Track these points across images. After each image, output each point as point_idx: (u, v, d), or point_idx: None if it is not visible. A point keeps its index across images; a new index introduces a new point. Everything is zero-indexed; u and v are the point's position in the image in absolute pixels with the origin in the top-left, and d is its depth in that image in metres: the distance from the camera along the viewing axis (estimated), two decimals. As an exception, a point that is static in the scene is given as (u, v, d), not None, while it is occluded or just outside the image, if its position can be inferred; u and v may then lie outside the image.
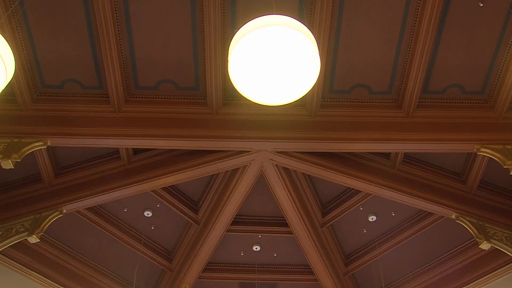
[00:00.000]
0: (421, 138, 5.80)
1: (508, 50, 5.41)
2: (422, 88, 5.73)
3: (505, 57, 5.47)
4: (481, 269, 7.11)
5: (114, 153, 6.57)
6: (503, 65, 5.53)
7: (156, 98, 5.93)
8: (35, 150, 5.74)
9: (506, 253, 6.07)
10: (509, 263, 6.77)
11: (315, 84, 4.78)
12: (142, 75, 5.78)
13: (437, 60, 5.59)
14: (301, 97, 3.55)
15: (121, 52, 5.54)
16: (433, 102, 5.93)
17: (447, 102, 5.91)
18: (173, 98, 5.94)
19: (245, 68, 3.33)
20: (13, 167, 5.41)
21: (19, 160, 5.44)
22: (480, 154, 5.82)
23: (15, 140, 5.52)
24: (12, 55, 3.57)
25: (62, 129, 5.78)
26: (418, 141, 5.81)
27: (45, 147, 5.72)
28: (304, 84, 3.41)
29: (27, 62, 5.57)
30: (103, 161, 6.58)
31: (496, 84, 5.69)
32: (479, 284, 7.09)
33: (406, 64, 5.60)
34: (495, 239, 6.02)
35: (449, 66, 5.64)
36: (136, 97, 5.94)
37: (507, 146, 5.52)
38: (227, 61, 3.40)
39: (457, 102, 5.91)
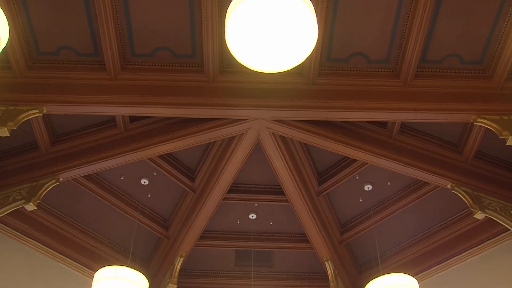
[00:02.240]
0: (418, 108, 5.78)
1: (508, 20, 5.36)
2: (420, 58, 5.69)
3: (504, 27, 5.42)
4: (475, 239, 7.19)
5: (110, 121, 6.55)
6: (502, 35, 5.48)
7: (152, 65, 5.88)
8: (31, 117, 5.72)
9: (500, 223, 6.12)
10: (502, 233, 6.85)
11: (312, 52, 4.76)
12: (138, 42, 5.72)
13: (435, 29, 5.54)
14: (299, 65, 3.54)
15: (117, 19, 5.47)
16: (431, 71, 5.89)
17: (445, 72, 5.88)
18: (169, 66, 5.89)
19: (242, 35, 3.29)
20: (9, 135, 5.38)
21: (15, 128, 5.41)
22: (476, 125, 5.82)
23: (10, 107, 5.49)
24: (6, 21, 3.52)
25: (58, 96, 5.74)
26: (415, 111, 5.80)
27: (41, 114, 5.69)
28: (301, 51, 3.38)
29: (22, 28, 5.50)
30: (100, 129, 6.56)
31: (494, 55, 5.65)
32: (473, 253, 7.17)
33: (405, 33, 5.55)
34: (489, 209, 6.06)
35: (447, 36, 5.59)
36: (133, 65, 5.89)
37: (504, 117, 5.51)
38: (224, 28, 3.37)
39: (455, 72, 5.87)
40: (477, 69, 5.83)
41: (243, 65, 3.54)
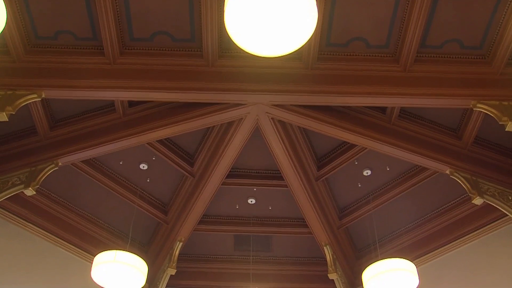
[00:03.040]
0: (417, 93, 5.77)
1: (508, 6, 5.32)
2: (419, 43, 5.66)
3: (505, 13, 5.38)
4: (474, 224, 7.22)
5: (109, 106, 6.53)
6: (502, 21, 5.45)
7: (151, 50, 5.86)
8: (30, 102, 5.70)
9: (498, 208, 6.15)
10: (501, 218, 6.87)
11: (311, 36, 4.73)
12: (137, 26, 5.69)
13: (435, 14, 5.51)
14: (298, 50, 3.53)
15: (116, 3, 5.43)
16: (431, 57, 5.87)
17: (444, 57, 5.86)
18: (168, 50, 5.86)
19: (242, 19, 3.28)
20: (7, 120, 5.37)
21: (13, 113, 5.40)
22: (476, 110, 5.81)
23: (9, 92, 5.47)
24: (4, 5, 3.50)
25: (57, 81, 5.73)
26: (414, 96, 5.79)
27: (40, 99, 5.68)
28: (301, 36, 3.37)
29: (19, 12, 5.46)
30: (98, 114, 6.56)
31: (494, 40, 5.62)
32: (471, 239, 7.20)
33: (404, 18, 5.52)
34: (487, 195, 6.08)
35: (448, 21, 5.56)
36: (131, 49, 5.86)
37: (503, 102, 5.50)
38: (223, 12, 3.35)
39: (455, 57, 5.85)
40: (477, 54, 5.81)
41: (242, 50, 3.53)
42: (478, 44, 5.73)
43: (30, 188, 5.97)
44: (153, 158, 7.34)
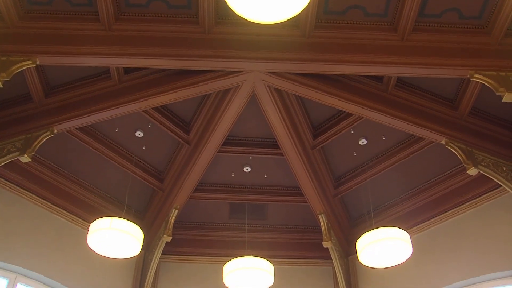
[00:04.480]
0: (415, 62, 5.75)
1: (508, -25, 5.29)
2: (418, 12, 5.61)
3: (505, -18, 5.35)
4: (468, 194, 7.27)
5: (104, 73, 6.49)
6: (502, -10, 5.42)
7: (147, 16, 5.80)
8: (24, 69, 5.65)
9: (492, 179, 6.19)
10: (495, 189, 6.91)
11: (309, 3, 4.69)
12: (133, -8, 5.63)
13: (435, -18, 5.47)
14: (295, 17, 3.49)
15: (111, -33, 5.37)
16: (429, 26, 5.83)
17: (443, 27, 5.82)
18: (164, 17, 5.80)
19: (239, -15, 3.24)
20: (1, 86, 5.33)
21: (8, 79, 5.36)
22: (473, 80, 5.80)
23: (3, 58, 5.42)
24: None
25: (51, 47, 5.68)
26: (412, 65, 5.76)
27: (34, 65, 5.62)
28: (298, 2, 3.34)
29: (13, -24, 5.40)
30: (94, 81, 6.51)
31: (493, 10, 5.57)
32: (466, 208, 7.25)
33: (403, -14, 5.48)
34: (482, 165, 6.12)
35: (447, -11, 5.52)
36: (127, 15, 5.79)
37: (500, 73, 5.49)
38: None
39: (454, 27, 5.81)
40: (476, 24, 5.77)
41: (239, 16, 3.50)
42: (477, 14, 5.68)
43: (25, 155, 5.96)
44: (149, 126, 7.32)
